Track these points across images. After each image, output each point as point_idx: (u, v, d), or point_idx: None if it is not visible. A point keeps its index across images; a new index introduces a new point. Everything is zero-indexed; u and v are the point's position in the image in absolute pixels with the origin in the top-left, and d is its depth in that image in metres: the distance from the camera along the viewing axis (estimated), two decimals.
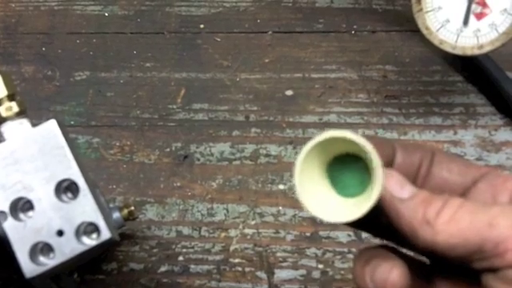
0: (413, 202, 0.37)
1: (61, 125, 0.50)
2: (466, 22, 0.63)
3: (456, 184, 0.41)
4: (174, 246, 0.68)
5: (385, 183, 0.38)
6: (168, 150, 0.73)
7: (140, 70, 0.77)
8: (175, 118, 0.75)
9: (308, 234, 0.67)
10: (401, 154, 0.43)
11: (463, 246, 0.35)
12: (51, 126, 0.49)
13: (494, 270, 0.35)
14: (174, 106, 0.75)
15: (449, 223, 0.36)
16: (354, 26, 0.77)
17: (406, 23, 0.76)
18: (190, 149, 0.73)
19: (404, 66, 0.74)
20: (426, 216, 0.36)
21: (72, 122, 0.75)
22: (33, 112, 0.56)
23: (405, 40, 0.76)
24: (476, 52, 0.62)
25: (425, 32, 0.64)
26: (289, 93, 0.75)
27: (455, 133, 0.70)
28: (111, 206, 0.66)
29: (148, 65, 0.78)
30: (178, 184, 0.71)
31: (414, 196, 0.38)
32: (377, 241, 0.44)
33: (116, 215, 0.63)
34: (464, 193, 0.41)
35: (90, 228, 0.49)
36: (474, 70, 0.72)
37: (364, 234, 0.66)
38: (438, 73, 0.73)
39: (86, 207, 0.48)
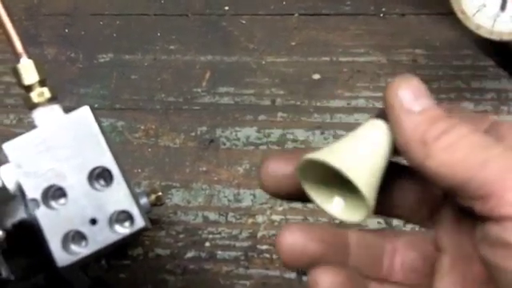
0: (419, 118, 0.34)
1: (93, 111, 0.49)
2: (503, 6, 0.62)
3: None
4: (200, 232, 0.68)
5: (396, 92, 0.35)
6: (193, 134, 0.72)
7: (164, 53, 0.76)
8: (200, 102, 0.74)
9: (337, 221, 0.66)
10: None
11: (451, 178, 0.33)
12: (84, 113, 0.48)
13: (481, 219, 0.33)
14: (199, 90, 0.74)
15: (444, 150, 0.33)
16: (383, 9, 0.76)
17: (436, 6, 0.74)
18: (216, 133, 0.72)
19: (434, 50, 0.73)
20: (425, 135, 0.34)
21: (96, 105, 0.74)
22: None
23: (435, 23, 0.74)
24: None
25: (461, 16, 0.63)
26: (316, 77, 0.73)
27: None
28: (137, 191, 0.65)
29: (172, 47, 0.77)
30: (204, 169, 0.70)
31: (423, 111, 0.35)
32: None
33: (143, 201, 0.62)
34: None
35: (123, 216, 0.48)
36: (506, 55, 0.70)
37: (395, 222, 0.65)
38: (468, 57, 0.72)
39: (119, 195, 0.48)
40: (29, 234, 0.49)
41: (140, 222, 0.47)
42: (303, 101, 0.72)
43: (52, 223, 0.48)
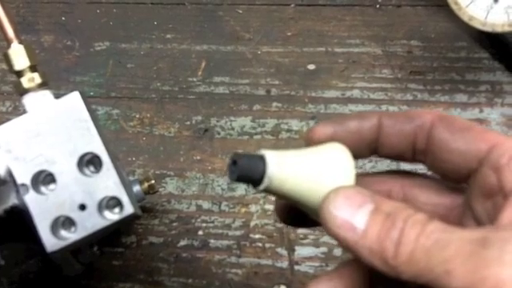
0: (367, 241, 0.34)
1: (83, 97, 0.49)
2: None
3: (458, 166, 0.38)
4: (193, 221, 0.68)
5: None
6: (188, 123, 0.72)
7: (160, 42, 0.77)
8: (195, 91, 0.74)
9: None
10: (388, 124, 0.40)
11: (427, 282, 0.32)
12: (74, 98, 0.48)
13: None
14: (195, 79, 0.74)
15: (408, 264, 0.33)
16: (379, 0, 0.76)
17: None
18: (211, 122, 0.72)
19: (429, 41, 0.73)
20: (383, 256, 0.33)
21: (92, 93, 0.74)
22: (52, 82, 0.54)
23: (430, 15, 0.74)
24: (506, 29, 0.61)
25: (454, 7, 0.63)
26: (311, 67, 0.73)
27: (481, 111, 0.69)
28: (131, 178, 0.65)
29: (169, 36, 0.77)
30: (198, 158, 0.70)
31: (366, 231, 0.34)
32: None
33: (136, 188, 0.62)
34: (470, 175, 0.38)
35: (113, 202, 0.48)
36: (501, 47, 0.70)
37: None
38: (463, 49, 0.72)
39: (108, 181, 0.48)
40: (20, 220, 0.49)
41: (129, 209, 0.48)
42: (298, 91, 0.72)
43: (41, 208, 0.48)
